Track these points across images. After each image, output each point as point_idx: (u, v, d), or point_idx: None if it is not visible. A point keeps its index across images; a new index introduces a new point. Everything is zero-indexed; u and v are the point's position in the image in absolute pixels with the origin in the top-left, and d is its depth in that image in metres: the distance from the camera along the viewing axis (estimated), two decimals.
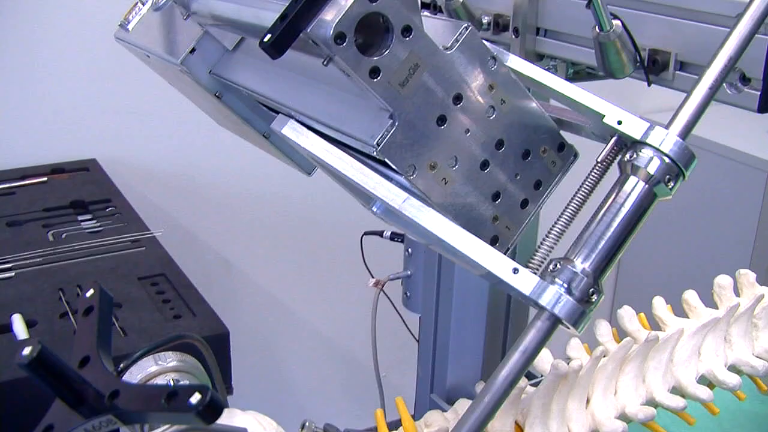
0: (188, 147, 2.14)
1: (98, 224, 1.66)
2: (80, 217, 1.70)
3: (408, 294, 1.59)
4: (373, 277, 1.68)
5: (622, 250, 0.67)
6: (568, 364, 0.79)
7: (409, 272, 1.56)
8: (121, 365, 0.56)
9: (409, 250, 1.56)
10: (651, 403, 0.85)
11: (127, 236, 1.60)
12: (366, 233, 1.76)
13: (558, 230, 0.68)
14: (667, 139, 0.67)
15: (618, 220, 0.67)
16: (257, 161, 2.10)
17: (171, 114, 2.04)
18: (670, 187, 0.67)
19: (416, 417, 0.75)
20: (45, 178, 1.88)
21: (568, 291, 0.64)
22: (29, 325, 1.30)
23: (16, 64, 1.91)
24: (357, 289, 1.92)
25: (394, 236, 1.68)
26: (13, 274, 1.46)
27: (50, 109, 1.97)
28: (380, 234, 1.71)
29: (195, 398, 0.44)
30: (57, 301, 1.37)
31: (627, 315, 0.93)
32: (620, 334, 0.92)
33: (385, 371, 1.79)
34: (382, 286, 1.64)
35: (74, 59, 1.96)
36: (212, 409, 0.44)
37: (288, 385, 2.53)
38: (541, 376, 0.91)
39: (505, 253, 0.68)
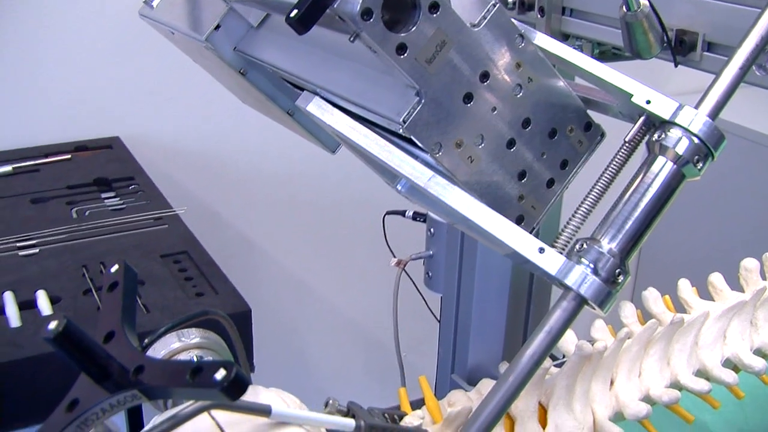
0: (211, 125, 2.14)
1: (121, 202, 1.67)
2: (103, 195, 1.71)
3: (430, 274, 1.58)
4: (394, 257, 1.68)
5: (649, 231, 0.67)
6: (592, 345, 0.79)
7: (431, 252, 1.56)
8: (146, 341, 0.56)
9: (432, 229, 1.55)
10: (675, 385, 0.84)
11: (150, 214, 1.60)
12: (388, 212, 1.76)
13: (584, 210, 0.68)
14: (696, 119, 0.66)
15: (645, 200, 0.66)
16: (280, 139, 2.09)
17: (194, 92, 2.04)
18: (698, 167, 0.66)
19: (437, 397, 0.75)
20: (69, 156, 1.89)
21: (594, 271, 0.63)
22: (53, 301, 1.31)
23: (40, 42, 1.91)
24: (379, 269, 1.91)
25: (416, 216, 1.67)
26: (37, 250, 1.47)
27: (74, 87, 1.98)
28: (402, 213, 1.70)
29: (220, 374, 0.44)
30: (80, 277, 1.38)
31: (652, 297, 0.92)
32: (645, 316, 0.91)
33: (405, 351, 1.79)
34: (404, 266, 1.64)
35: (98, 36, 1.96)
36: (237, 385, 0.44)
37: (308, 364, 2.53)
38: (563, 357, 0.91)
39: (530, 233, 0.67)
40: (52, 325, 0.47)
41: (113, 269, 0.56)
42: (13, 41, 1.89)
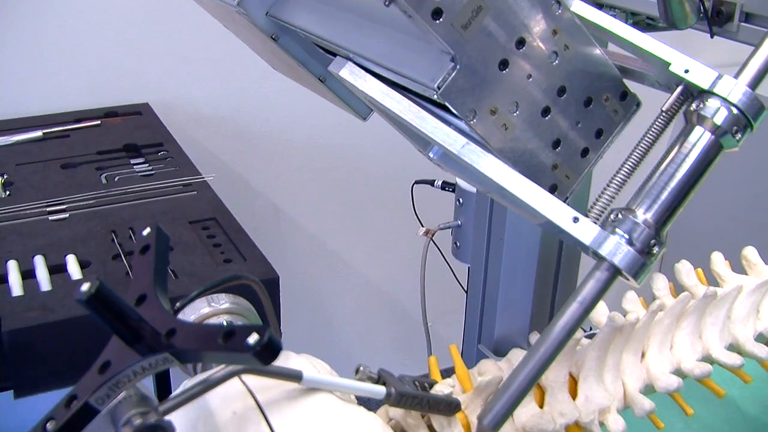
0: (241, 92, 2.13)
1: (150, 168, 1.67)
2: (133, 161, 1.72)
3: (458, 244, 1.58)
4: (423, 226, 1.68)
5: (686, 202, 0.66)
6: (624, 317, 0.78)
7: (459, 222, 1.55)
8: (177, 304, 0.56)
9: (460, 199, 1.55)
10: (707, 359, 0.84)
11: (179, 180, 1.60)
12: (417, 182, 1.75)
13: (619, 180, 0.67)
14: (735, 89, 0.64)
15: (682, 170, 0.65)
16: (310, 107, 2.09)
17: (225, 58, 2.04)
18: (737, 138, 0.65)
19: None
20: (98, 122, 1.90)
21: (629, 242, 0.63)
22: (83, 265, 1.32)
23: (71, 7, 1.91)
24: (407, 238, 1.91)
25: (445, 186, 1.67)
26: (67, 215, 1.48)
27: (104, 53, 1.98)
28: (431, 183, 1.70)
29: (253, 338, 0.43)
30: (110, 242, 1.38)
31: (685, 270, 0.91)
32: (677, 288, 0.90)
33: (431, 321, 1.79)
34: (432, 236, 1.64)
35: (129, 3, 1.96)
36: (270, 349, 0.43)
37: (335, 332, 2.54)
38: (591, 329, 0.90)
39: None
40: (85, 287, 0.47)
41: (145, 232, 0.56)
42: (44, 7, 1.89)
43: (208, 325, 0.56)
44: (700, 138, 0.65)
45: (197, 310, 0.66)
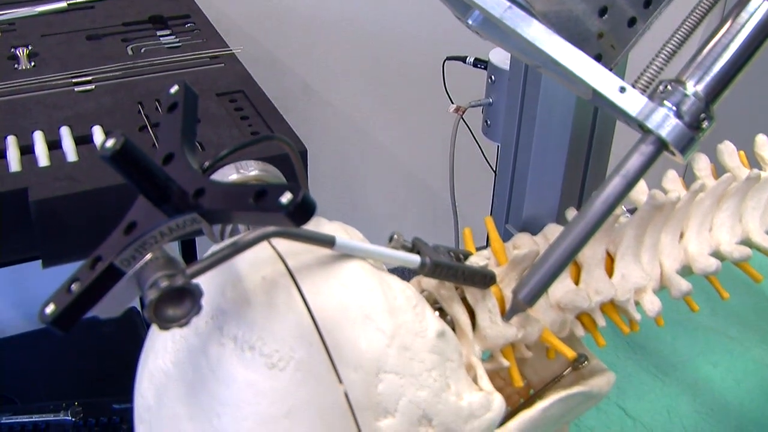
0: None
1: (177, 40, 1.64)
2: (159, 33, 1.68)
3: (488, 122, 1.55)
4: (453, 104, 1.64)
5: (739, 75, 0.62)
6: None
7: (490, 100, 1.52)
8: (206, 164, 0.54)
9: (492, 77, 1.50)
10: (746, 243, 0.81)
11: (206, 52, 1.57)
12: (448, 58, 1.71)
13: (670, 49, 0.63)
14: None
15: (738, 41, 0.61)
16: None
17: None
18: None
19: (488, 246, 0.73)
20: None
21: (678, 114, 0.59)
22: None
23: None
24: (436, 116, 1.88)
25: (477, 63, 1.63)
26: (92, 87, 1.46)
27: None
28: (463, 60, 1.66)
29: (286, 197, 0.41)
30: (136, 114, 1.37)
31: (728, 150, 0.88)
32: (719, 170, 0.87)
33: (459, 200, 1.78)
34: (463, 113, 1.60)
35: None
36: (303, 209, 0.41)
37: (363, 209, 2.53)
38: (625, 212, 0.88)
39: None
40: (110, 143, 0.45)
41: (173, 90, 0.54)
42: None
43: (238, 185, 0.54)
44: (758, 8, 0.61)
45: (225, 177, 0.64)
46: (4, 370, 1.76)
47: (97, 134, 1.31)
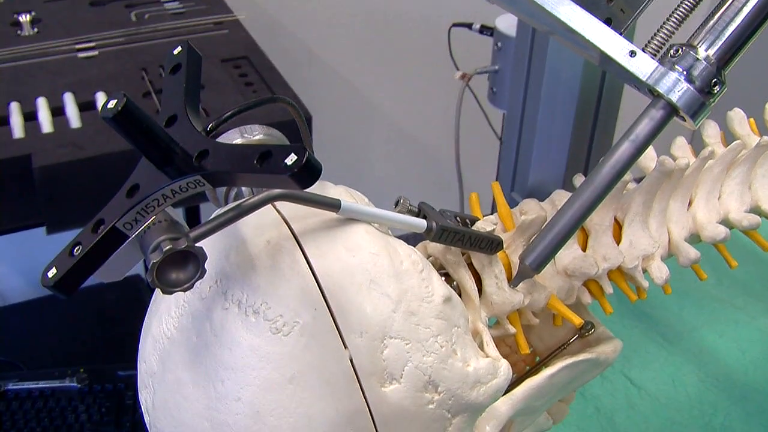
0: None
1: (181, 6, 1.63)
2: None
3: (494, 90, 1.53)
4: (458, 70, 1.63)
5: (752, 40, 0.61)
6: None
7: (497, 67, 1.50)
8: (210, 125, 0.53)
9: (499, 44, 1.49)
10: (756, 211, 0.80)
11: (210, 18, 1.56)
12: (454, 25, 1.69)
13: (681, 13, 0.62)
14: None
15: (750, 5, 0.60)
16: None
17: None
18: None
19: (495, 212, 0.72)
20: None
21: (689, 79, 0.58)
22: None
23: None
24: (442, 84, 1.87)
25: (483, 29, 1.61)
26: (96, 53, 1.45)
27: None
28: (469, 26, 1.64)
29: (291, 159, 0.41)
30: (140, 80, 1.36)
31: (737, 118, 0.87)
32: (728, 138, 0.86)
33: (463, 168, 1.77)
34: (468, 80, 1.59)
35: None
36: (308, 171, 0.41)
37: (367, 177, 2.52)
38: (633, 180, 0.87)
39: None
40: (112, 103, 0.44)
41: (176, 51, 0.53)
42: None
43: (242, 146, 0.53)
44: None
45: (229, 141, 0.63)
46: (10, 337, 1.77)
47: (101, 100, 1.31)
